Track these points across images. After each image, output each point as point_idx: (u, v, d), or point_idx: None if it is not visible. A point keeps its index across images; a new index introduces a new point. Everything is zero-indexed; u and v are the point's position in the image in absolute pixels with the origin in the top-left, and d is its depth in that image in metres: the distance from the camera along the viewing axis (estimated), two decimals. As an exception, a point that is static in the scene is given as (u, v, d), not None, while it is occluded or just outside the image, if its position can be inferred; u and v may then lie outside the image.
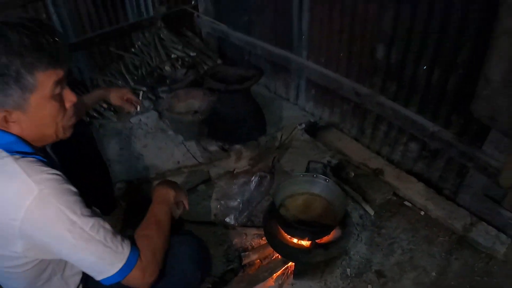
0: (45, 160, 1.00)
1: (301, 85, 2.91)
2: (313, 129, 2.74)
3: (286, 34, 2.75)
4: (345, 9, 2.28)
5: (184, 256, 1.26)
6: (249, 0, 2.89)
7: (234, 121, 2.53)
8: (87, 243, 0.97)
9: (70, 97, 1.05)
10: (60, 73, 0.99)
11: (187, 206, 1.45)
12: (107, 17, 3.21)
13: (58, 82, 1.00)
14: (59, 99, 1.03)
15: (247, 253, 1.85)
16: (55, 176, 0.96)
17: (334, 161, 2.44)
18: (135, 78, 3.08)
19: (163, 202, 1.30)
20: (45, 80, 0.96)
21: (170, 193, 1.34)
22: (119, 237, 1.03)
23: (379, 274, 1.87)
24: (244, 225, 2.05)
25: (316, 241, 1.69)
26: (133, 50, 3.32)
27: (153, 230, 1.17)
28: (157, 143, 2.66)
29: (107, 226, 1.02)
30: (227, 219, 2.06)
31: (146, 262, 1.07)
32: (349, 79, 2.47)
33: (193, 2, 3.58)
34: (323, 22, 2.48)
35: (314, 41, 2.61)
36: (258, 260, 1.86)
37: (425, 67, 2.00)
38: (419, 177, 2.28)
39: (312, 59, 2.68)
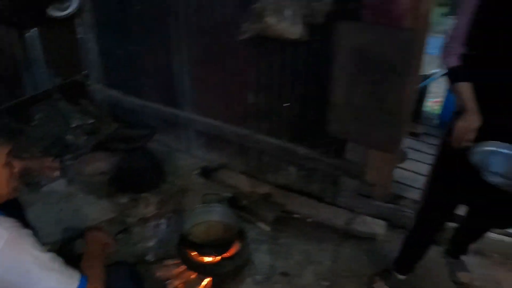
0: (3, 213, 1.26)
1: (191, 136, 3.23)
2: (207, 172, 3.08)
3: (171, 93, 3.08)
4: (219, 68, 2.73)
5: (123, 278, 1.57)
6: (136, 65, 3.19)
7: (137, 174, 2.81)
8: (49, 272, 1.22)
9: (17, 164, 1.34)
10: (9, 145, 1.28)
11: (113, 245, 1.73)
12: (5, 91, 3.25)
13: (9, 153, 1.28)
14: (10, 165, 1.30)
15: (170, 280, 2.14)
16: (17, 223, 1.21)
17: (228, 195, 2.83)
18: (40, 150, 3.21)
19: (96, 242, 1.59)
20: (1, 153, 1.25)
21: (100, 234, 1.64)
22: (69, 267, 1.31)
23: (284, 274, 2.24)
24: (163, 259, 2.34)
25: (222, 255, 2.06)
26: (33, 123, 3.41)
27: (93, 262, 1.45)
28: (71, 206, 2.83)
29: (59, 258, 1.29)
30: (147, 257, 2.33)
31: (93, 285, 1.35)
32: (230, 124, 2.89)
33: (84, 72, 3.73)
34: (202, 80, 2.88)
35: (197, 96, 2.99)
36: (181, 284, 2.16)
37: (286, 105, 2.55)
38: (302, 192, 2.76)
39: (197, 112, 3.04)
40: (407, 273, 2.15)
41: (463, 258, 2.29)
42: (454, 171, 1.68)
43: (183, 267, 2.15)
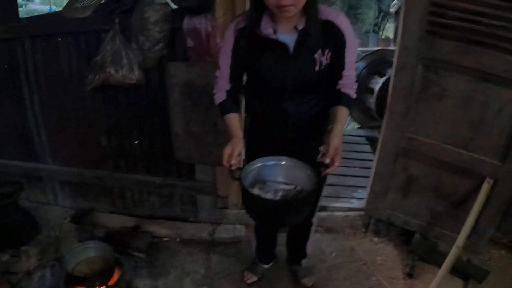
0: None
1: (56, 187, 3.22)
2: (78, 218, 3.12)
3: (30, 148, 3.07)
4: (72, 117, 2.86)
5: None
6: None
7: (12, 230, 2.80)
8: None
9: None
10: None
11: None
12: None
13: None
14: None
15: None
16: None
17: (101, 233, 2.94)
18: None
19: None
20: None
21: None
22: None
23: (166, 290, 2.48)
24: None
25: (106, 284, 2.22)
26: None
27: None
28: None
29: None
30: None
31: None
32: (89, 169, 3.02)
33: None
34: (57, 130, 2.95)
35: (54, 147, 3.03)
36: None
37: (136, 142, 2.82)
38: (168, 217, 3.03)
39: (57, 162, 3.08)
40: (270, 261, 2.60)
41: (304, 261, 2.57)
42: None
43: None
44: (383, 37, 7.10)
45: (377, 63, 4.07)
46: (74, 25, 2.65)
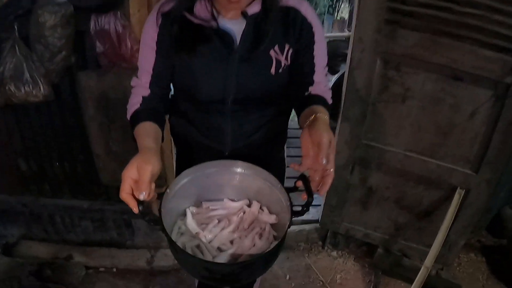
0: None
1: None
2: (8, 249, 2.47)
3: None
4: None
5: None
6: None
7: None
8: None
9: None
10: None
11: None
12: None
13: None
14: None
15: None
16: None
17: (32, 268, 2.30)
18: None
19: None
20: None
21: None
22: None
23: None
24: None
25: None
26: None
27: None
28: None
29: None
30: None
31: None
32: (13, 196, 2.37)
33: None
34: None
35: None
36: None
37: (57, 164, 2.15)
38: (103, 242, 2.39)
39: None
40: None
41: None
42: None
43: None
44: (338, 17, 6.42)
45: (328, 57, 3.43)
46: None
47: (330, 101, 1.12)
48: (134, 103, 1.09)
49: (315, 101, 1.06)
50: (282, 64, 1.07)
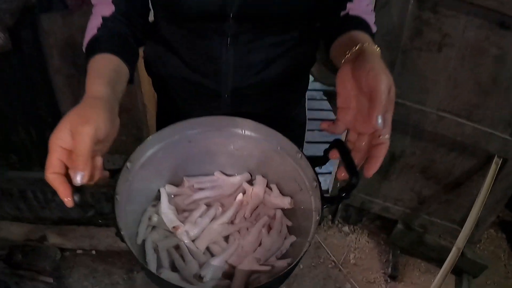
0: None
1: None
2: None
3: None
4: None
5: None
6: None
7: None
8: None
9: None
10: None
11: None
12: None
13: None
14: None
15: None
16: None
17: (3, 253, 1.99)
18: None
19: None
20: None
21: None
22: None
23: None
24: None
25: None
26: None
27: None
28: None
29: None
30: None
31: None
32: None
33: None
34: None
35: None
36: None
37: (22, 129, 1.78)
38: (81, 220, 2.05)
39: None
40: None
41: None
42: None
43: None
44: None
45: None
46: None
47: (374, 29, 0.73)
48: (91, 28, 0.70)
49: (355, 26, 0.68)
50: None
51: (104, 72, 0.61)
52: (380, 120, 0.49)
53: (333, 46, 0.67)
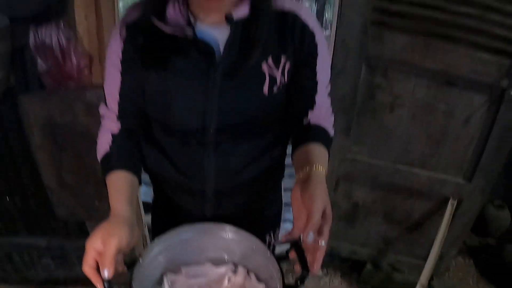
0: None
1: None
2: None
3: None
4: None
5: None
6: None
7: None
8: None
9: None
10: None
11: None
12: None
13: None
14: None
15: None
16: None
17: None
18: None
19: None
20: None
21: None
22: None
23: None
24: None
25: None
26: None
27: None
28: None
29: None
30: None
31: None
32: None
33: None
34: None
35: None
36: None
37: (7, 198, 1.77)
38: (68, 279, 2.01)
39: None
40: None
41: None
42: None
43: None
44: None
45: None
46: None
47: (332, 132, 0.84)
48: (103, 143, 0.83)
49: (314, 137, 0.79)
50: (278, 82, 0.77)
51: (123, 189, 0.76)
52: (311, 236, 0.61)
53: (294, 156, 0.78)
